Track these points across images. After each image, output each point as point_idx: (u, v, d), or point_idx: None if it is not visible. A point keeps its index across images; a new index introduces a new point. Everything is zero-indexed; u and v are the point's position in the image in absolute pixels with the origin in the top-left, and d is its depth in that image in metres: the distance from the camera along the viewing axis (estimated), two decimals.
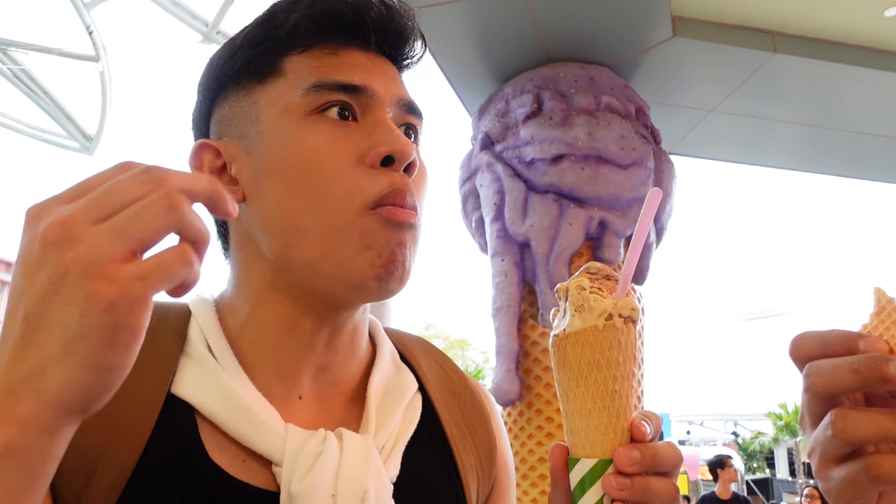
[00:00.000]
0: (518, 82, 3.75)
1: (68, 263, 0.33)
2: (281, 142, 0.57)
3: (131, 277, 0.34)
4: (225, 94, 0.63)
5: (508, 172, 3.58)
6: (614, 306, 0.47)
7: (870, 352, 0.42)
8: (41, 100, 8.31)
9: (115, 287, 0.33)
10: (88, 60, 7.74)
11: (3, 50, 7.78)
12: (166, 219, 0.34)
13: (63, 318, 0.33)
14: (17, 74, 8.03)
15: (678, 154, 4.83)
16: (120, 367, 0.35)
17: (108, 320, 0.33)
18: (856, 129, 4.46)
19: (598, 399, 0.45)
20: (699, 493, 12.93)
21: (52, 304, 0.34)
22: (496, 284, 3.60)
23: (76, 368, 0.33)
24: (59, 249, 0.33)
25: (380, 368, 0.65)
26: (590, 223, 3.43)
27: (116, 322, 0.33)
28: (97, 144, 8.79)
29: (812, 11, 3.60)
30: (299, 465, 0.51)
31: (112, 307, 0.33)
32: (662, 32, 3.54)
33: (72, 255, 0.33)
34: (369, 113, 0.58)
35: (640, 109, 3.75)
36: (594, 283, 0.50)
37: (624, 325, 0.46)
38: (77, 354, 0.33)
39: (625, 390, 0.46)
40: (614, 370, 0.46)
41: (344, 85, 0.57)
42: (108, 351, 0.34)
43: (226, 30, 7.20)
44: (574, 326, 0.47)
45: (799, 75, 3.92)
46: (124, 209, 0.34)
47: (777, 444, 22.50)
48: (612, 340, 0.46)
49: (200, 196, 0.37)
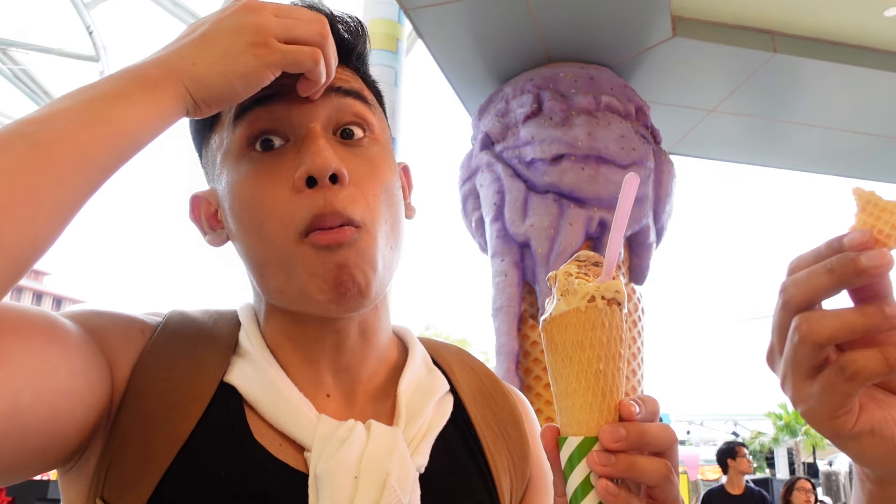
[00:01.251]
0: (518, 82, 3.75)
1: (253, 21, 0.54)
2: (228, 186, 0.60)
3: (277, 48, 0.54)
4: (200, 142, 0.68)
5: (508, 172, 3.58)
6: (597, 289, 0.48)
7: (853, 245, 0.40)
8: (41, 100, 8.31)
9: (265, 48, 0.54)
10: (88, 60, 7.75)
11: (3, 50, 7.78)
12: (316, 38, 0.56)
13: (228, 44, 0.53)
14: (17, 74, 8.03)
15: (678, 154, 4.83)
16: (232, 95, 0.54)
17: (251, 61, 0.53)
18: (856, 129, 4.46)
19: (582, 378, 0.47)
20: (699, 494, 12.93)
21: (226, 34, 0.54)
22: (496, 284, 3.60)
23: (216, 72, 0.53)
24: (251, 14, 0.54)
25: (410, 369, 0.67)
26: (590, 223, 3.43)
27: (254, 67, 0.54)
28: None
29: (812, 11, 3.60)
30: (326, 448, 0.55)
31: (258, 56, 0.53)
32: (662, 32, 3.54)
33: (257, 18, 0.54)
34: (298, 124, 0.59)
35: (640, 109, 3.75)
36: (581, 269, 0.51)
37: (607, 307, 0.47)
38: (222, 66, 0.53)
39: (610, 370, 0.47)
40: (598, 350, 0.47)
41: (259, 97, 0.57)
42: (239, 77, 0.53)
43: None
44: (559, 309, 0.48)
45: (799, 75, 3.92)
46: (297, 21, 0.56)
47: (777, 444, 22.51)
48: (594, 321, 0.47)
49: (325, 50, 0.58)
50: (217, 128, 0.63)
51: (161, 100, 0.50)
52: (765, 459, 24.68)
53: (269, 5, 0.56)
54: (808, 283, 0.41)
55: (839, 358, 0.41)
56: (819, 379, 0.42)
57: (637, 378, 3.55)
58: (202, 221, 0.66)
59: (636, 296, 3.61)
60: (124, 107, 0.49)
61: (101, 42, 7.49)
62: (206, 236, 0.67)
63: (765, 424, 23.12)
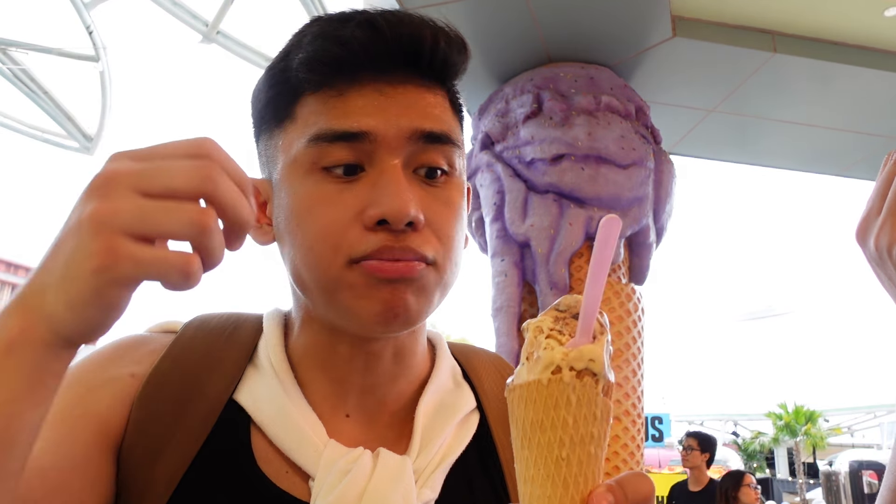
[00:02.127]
0: (518, 82, 3.75)
1: (91, 213, 0.36)
2: (290, 197, 0.57)
3: (129, 257, 0.36)
4: (261, 128, 0.63)
5: (508, 172, 3.58)
6: (564, 357, 0.39)
7: None
8: (41, 100, 8.31)
9: (111, 257, 0.36)
10: (88, 60, 7.74)
11: (3, 50, 7.78)
12: (186, 231, 0.37)
13: (67, 257, 0.37)
14: (17, 74, 8.03)
15: (678, 154, 4.82)
16: (97, 325, 0.38)
17: (92, 281, 0.36)
18: (856, 129, 4.46)
19: (541, 465, 0.39)
20: None
21: (66, 240, 0.37)
22: (496, 284, 3.60)
23: (62, 304, 0.37)
24: (93, 198, 0.37)
25: (433, 386, 0.64)
26: (590, 223, 3.43)
27: (99, 286, 0.36)
28: (97, 144, 8.79)
29: (812, 11, 3.60)
30: (328, 480, 0.53)
31: (99, 272, 0.36)
32: (662, 32, 3.54)
33: (96, 207, 0.36)
34: (376, 159, 0.55)
35: (640, 109, 3.75)
36: (556, 325, 0.42)
37: (576, 380, 0.39)
38: (66, 293, 0.37)
39: (576, 456, 0.39)
40: (560, 433, 0.39)
41: (343, 133, 0.55)
42: (88, 305, 0.37)
43: (226, 30, 7.21)
44: (520, 377, 0.40)
45: (799, 75, 3.92)
46: (166, 195, 0.37)
47: (777, 444, 22.47)
48: (558, 398, 0.39)
49: (233, 220, 0.39)
50: (287, 127, 0.58)
51: (20, 366, 0.37)
52: (765, 459, 24.66)
53: (131, 170, 0.38)
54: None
55: None
56: None
57: (637, 378, 3.56)
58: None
59: (636, 296, 3.61)
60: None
61: (101, 42, 7.49)
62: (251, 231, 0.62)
63: (765, 424, 23.09)
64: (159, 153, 0.39)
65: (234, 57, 7.20)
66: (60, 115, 8.59)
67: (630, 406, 3.49)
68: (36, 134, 9.23)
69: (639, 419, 3.55)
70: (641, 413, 3.61)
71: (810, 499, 15.49)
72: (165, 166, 0.38)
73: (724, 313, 43.42)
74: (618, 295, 3.48)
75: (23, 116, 9.27)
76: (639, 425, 3.52)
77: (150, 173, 0.37)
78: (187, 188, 0.37)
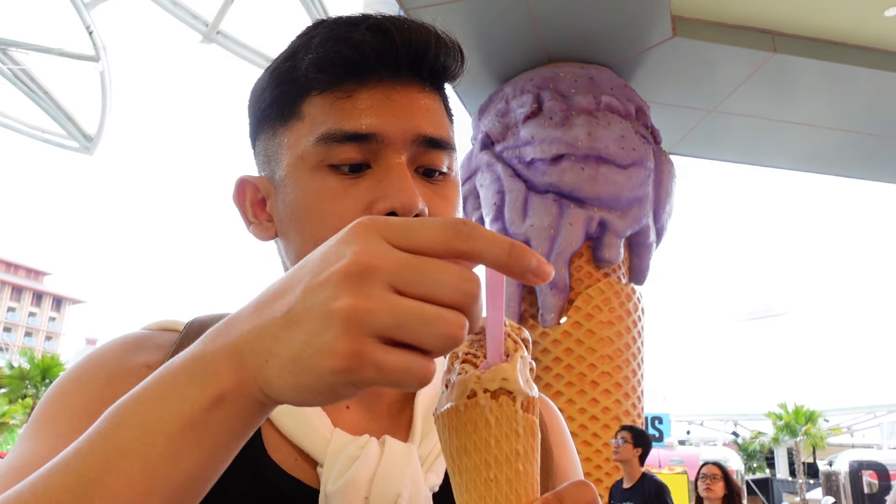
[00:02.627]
0: (518, 82, 3.75)
1: (345, 309, 0.33)
2: (296, 192, 0.59)
3: (374, 364, 0.33)
4: (262, 127, 0.65)
5: (508, 172, 3.58)
6: (477, 381, 0.39)
7: None
8: (41, 100, 8.32)
9: (356, 361, 0.33)
10: (88, 60, 7.75)
11: (3, 50, 7.78)
12: (435, 344, 0.34)
13: (305, 340, 0.34)
14: (17, 74, 8.03)
15: (678, 154, 4.83)
16: (317, 403, 0.36)
17: (329, 379, 0.34)
18: (856, 129, 4.46)
19: (472, 489, 0.39)
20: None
21: (305, 321, 0.34)
22: None
23: (287, 385, 0.35)
24: (346, 287, 0.34)
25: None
26: (590, 223, 3.43)
27: (334, 385, 0.34)
28: (97, 144, 8.79)
29: (812, 11, 3.60)
30: (337, 466, 0.55)
31: (339, 373, 0.34)
32: (662, 32, 3.54)
33: (351, 304, 0.33)
34: (382, 158, 0.58)
35: (640, 109, 3.75)
36: (471, 348, 0.41)
37: (492, 402, 0.39)
38: (294, 377, 0.35)
39: (504, 475, 0.39)
40: (485, 454, 0.39)
41: (352, 135, 0.57)
42: (316, 395, 0.35)
43: (225, 30, 7.21)
44: (441, 405, 0.40)
45: (799, 75, 3.92)
46: (426, 300, 0.34)
47: (777, 444, 22.48)
48: (476, 421, 0.39)
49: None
50: (294, 125, 0.61)
51: (230, 419, 0.37)
52: (765, 459, 24.67)
53: (392, 264, 0.35)
54: None
55: None
56: None
57: (637, 378, 3.56)
58: (246, 207, 0.65)
59: (636, 296, 3.61)
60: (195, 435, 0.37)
61: (101, 42, 7.49)
62: (251, 226, 0.65)
63: (765, 424, 23.10)
64: (419, 240, 0.36)
65: (234, 57, 7.20)
66: (60, 115, 8.60)
67: (630, 406, 3.49)
68: (36, 134, 9.24)
69: (639, 419, 3.55)
70: (641, 413, 3.61)
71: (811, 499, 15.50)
72: (429, 267, 0.35)
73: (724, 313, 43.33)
74: (618, 295, 3.48)
75: (23, 116, 9.27)
76: (638, 425, 3.53)
77: (413, 273, 0.35)
78: (450, 302, 0.35)
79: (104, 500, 0.35)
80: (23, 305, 67.27)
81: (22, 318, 67.15)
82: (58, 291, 71.73)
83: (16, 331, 66.79)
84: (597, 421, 3.41)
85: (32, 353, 23.00)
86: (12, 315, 66.39)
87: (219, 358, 0.37)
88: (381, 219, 0.36)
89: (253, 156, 0.67)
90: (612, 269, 3.58)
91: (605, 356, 3.42)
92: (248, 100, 0.67)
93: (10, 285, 66.91)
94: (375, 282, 0.34)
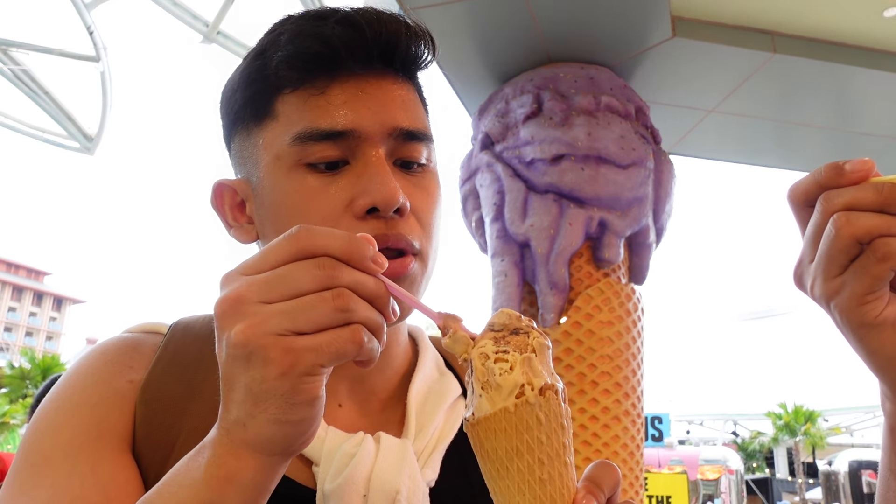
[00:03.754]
0: (518, 82, 3.75)
1: (238, 334, 0.37)
2: (274, 193, 0.58)
3: (305, 349, 0.37)
4: (236, 128, 0.64)
5: (508, 172, 3.58)
6: (525, 376, 0.39)
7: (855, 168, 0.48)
8: (41, 100, 8.32)
9: (290, 357, 0.37)
10: (88, 60, 7.74)
11: (4, 50, 7.78)
12: (335, 317, 0.38)
13: (247, 380, 0.38)
14: (17, 74, 8.03)
15: (678, 154, 4.82)
16: (305, 421, 0.39)
17: (284, 385, 0.37)
18: (856, 129, 4.46)
19: (525, 490, 0.39)
20: (699, 493, 12.92)
21: (234, 368, 0.38)
22: (496, 284, 3.61)
23: (265, 423, 0.38)
24: (232, 321, 0.38)
25: (421, 374, 0.66)
26: (590, 223, 3.43)
27: (293, 387, 0.37)
28: (97, 144, 8.79)
29: (812, 11, 3.60)
30: (334, 464, 0.54)
31: (286, 373, 0.37)
32: (662, 33, 3.54)
33: (239, 328, 0.37)
34: (360, 153, 0.57)
35: (640, 109, 3.75)
36: (499, 346, 0.41)
37: (540, 398, 0.39)
38: (264, 412, 0.38)
39: (556, 471, 0.40)
40: (538, 453, 0.39)
41: (328, 133, 0.56)
42: (290, 410, 0.38)
43: (226, 30, 7.21)
44: (483, 410, 0.40)
45: (799, 75, 3.92)
46: (293, 298, 0.38)
47: (776, 443, 22.49)
48: (528, 421, 0.39)
49: (370, 295, 0.40)
50: (268, 125, 0.59)
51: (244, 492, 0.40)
52: (764, 459, 24.68)
53: (252, 285, 0.39)
54: (847, 192, 0.46)
55: (872, 244, 0.44)
56: (852, 267, 0.45)
57: (637, 378, 3.56)
58: (225, 211, 0.64)
59: (636, 296, 3.61)
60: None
61: (101, 42, 7.49)
62: (231, 230, 0.64)
63: (765, 424, 23.11)
64: (268, 261, 0.39)
65: (234, 57, 7.20)
66: (60, 115, 8.59)
67: (630, 406, 3.49)
68: (36, 134, 9.24)
69: (639, 419, 3.55)
70: (641, 413, 3.61)
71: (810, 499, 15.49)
72: (285, 273, 0.38)
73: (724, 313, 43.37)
74: (618, 295, 3.48)
75: (23, 116, 9.27)
76: (638, 425, 3.52)
77: (275, 282, 0.38)
78: (315, 286, 0.38)
79: None
80: (23, 305, 67.28)
81: (22, 317, 67.15)
82: (58, 291, 71.74)
83: (16, 331, 66.78)
84: (597, 421, 3.41)
85: (33, 353, 23.01)
86: (13, 315, 66.39)
87: (216, 452, 0.40)
88: (233, 268, 0.40)
89: (229, 158, 0.67)
90: (612, 269, 3.58)
91: (605, 356, 3.42)
92: (219, 102, 0.66)
93: (10, 285, 66.94)
94: (249, 304, 0.38)
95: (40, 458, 0.52)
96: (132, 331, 0.64)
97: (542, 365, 0.40)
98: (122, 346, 0.61)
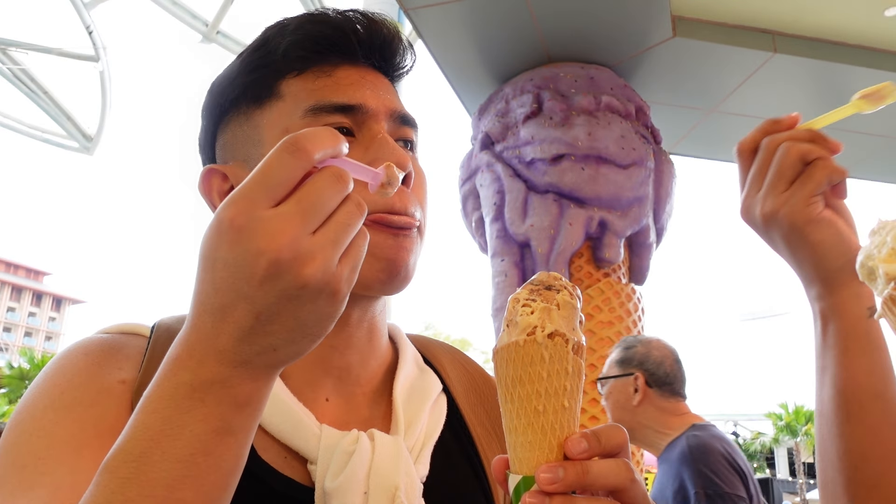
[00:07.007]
0: (518, 82, 3.75)
1: (307, 278, 0.39)
2: None
3: (347, 281, 0.42)
4: (227, 119, 0.66)
5: (508, 172, 3.58)
6: (540, 320, 0.45)
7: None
8: (41, 100, 8.32)
9: (348, 286, 0.42)
10: (88, 60, 7.75)
11: (3, 50, 7.79)
12: (361, 221, 0.43)
13: (300, 314, 0.40)
14: (17, 74, 8.03)
15: (678, 154, 4.82)
16: (326, 334, 0.44)
17: (339, 310, 0.42)
18: (856, 129, 4.46)
19: (523, 415, 0.45)
20: None
21: (288, 305, 0.40)
22: (496, 284, 3.60)
23: (307, 344, 0.42)
24: (296, 266, 0.39)
25: (403, 370, 0.67)
26: (590, 223, 3.43)
27: (339, 311, 0.42)
28: (97, 144, 8.80)
29: (812, 11, 3.60)
30: (333, 463, 0.55)
31: (343, 300, 0.42)
32: (662, 32, 3.53)
33: (310, 270, 0.39)
34: (365, 128, 0.61)
35: (640, 109, 3.75)
36: (531, 295, 0.47)
37: (548, 340, 0.44)
38: (307, 336, 0.41)
39: (552, 406, 0.45)
40: (537, 385, 0.45)
41: (340, 106, 0.60)
42: (329, 327, 0.43)
43: (226, 30, 7.21)
44: (502, 341, 0.47)
45: (799, 75, 3.92)
46: (331, 219, 0.41)
47: (777, 444, 22.51)
48: (533, 355, 0.44)
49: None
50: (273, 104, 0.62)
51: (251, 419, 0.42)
52: (765, 459, 24.69)
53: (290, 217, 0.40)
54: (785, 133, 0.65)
55: (813, 162, 0.61)
56: (798, 180, 0.61)
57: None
58: (213, 196, 0.65)
59: (636, 296, 3.61)
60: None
61: (101, 42, 7.49)
62: None
63: (765, 425, 23.12)
64: (283, 184, 0.41)
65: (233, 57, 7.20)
66: (60, 115, 8.60)
67: None
68: (36, 134, 9.24)
69: None
70: None
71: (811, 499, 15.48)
72: (315, 200, 0.41)
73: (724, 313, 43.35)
74: (618, 295, 3.48)
75: (23, 116, 9.28)
76: None
77: (310, 213, 0.40)
78: (339, 201, 0.42)
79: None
80: (23, 305, 67.27)
81: (22, 318, 67.15)
82: (58, 291, 71.75)
83: (16, 331, 66.80)
84: (597, 421, 3.41)
85: (32, 354, 23.00)
86: (12, 315, 66.39)
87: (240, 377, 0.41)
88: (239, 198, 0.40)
89: (215, 149, 0.68)
90: (612, 269, 3.58)
91: (606, 356, 3.43)
92: (204, 101, 0.68)
93: (9, 285, 66.99)
94: (302, 241, 0.39)
95: (33, 459, 0.51)
96: (109, 331, 0.63)
97: (562, 319, 0.45)
98: (105, 347, 0.60)
